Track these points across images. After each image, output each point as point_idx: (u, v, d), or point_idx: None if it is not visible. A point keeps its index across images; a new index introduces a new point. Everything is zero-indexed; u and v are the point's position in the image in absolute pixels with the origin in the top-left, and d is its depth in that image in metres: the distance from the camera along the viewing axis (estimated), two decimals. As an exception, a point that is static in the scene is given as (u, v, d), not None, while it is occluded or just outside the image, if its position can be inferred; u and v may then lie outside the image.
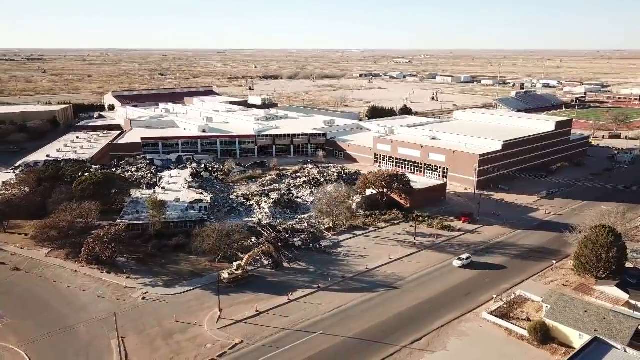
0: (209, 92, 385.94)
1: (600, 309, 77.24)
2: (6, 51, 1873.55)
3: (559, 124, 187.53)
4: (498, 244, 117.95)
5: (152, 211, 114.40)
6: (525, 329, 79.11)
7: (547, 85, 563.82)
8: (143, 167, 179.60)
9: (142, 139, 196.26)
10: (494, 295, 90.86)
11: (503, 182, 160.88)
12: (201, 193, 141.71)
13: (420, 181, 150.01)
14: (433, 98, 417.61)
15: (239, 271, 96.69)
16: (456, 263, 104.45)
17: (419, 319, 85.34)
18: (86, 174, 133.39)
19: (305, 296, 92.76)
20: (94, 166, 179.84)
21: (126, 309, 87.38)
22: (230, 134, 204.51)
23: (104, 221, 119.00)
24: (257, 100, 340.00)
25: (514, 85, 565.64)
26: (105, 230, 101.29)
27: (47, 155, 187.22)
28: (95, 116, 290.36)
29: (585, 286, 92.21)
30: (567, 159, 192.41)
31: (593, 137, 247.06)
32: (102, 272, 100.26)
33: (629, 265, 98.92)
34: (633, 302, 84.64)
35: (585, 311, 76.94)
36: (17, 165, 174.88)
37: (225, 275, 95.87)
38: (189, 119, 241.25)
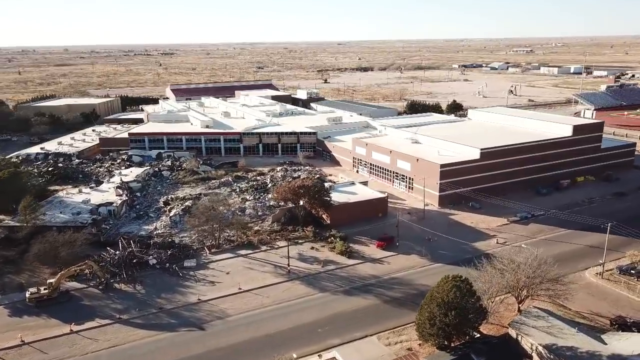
0: (267, 86, 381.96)
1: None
2: (154, 46, 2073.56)
3: (577, 129, 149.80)
4: (389, 280, 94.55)
5: (22, 213, 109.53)
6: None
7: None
8: (117, 163, 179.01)
9: (130, 134, 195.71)
10: (294, 355, 70.75)
11: (476, 199, 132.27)
12: (120, 195, 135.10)
13: (360, 193, 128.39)
14: (511, 92, 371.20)
15: (46, 290, 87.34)
16: None
17: (181, 375, 69.17)
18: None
19: (93, 328, 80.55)
20: (76, 160, 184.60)
21: None
22: (214, 132, 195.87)
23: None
24: (302, 95, 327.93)
25: (607, 76, 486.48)
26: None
27: (42, 148, 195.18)
28: (140, 109, 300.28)
29: (411, 357, 68.29)
30: (596, 172, 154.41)
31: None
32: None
33: (503, 332, 72.22)
34: (453, 391, 60.23)
35: (337, 402, 55.48)
36: (10, 156, 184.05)
37: (27, 294, 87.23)
38: (207, 114, 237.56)
